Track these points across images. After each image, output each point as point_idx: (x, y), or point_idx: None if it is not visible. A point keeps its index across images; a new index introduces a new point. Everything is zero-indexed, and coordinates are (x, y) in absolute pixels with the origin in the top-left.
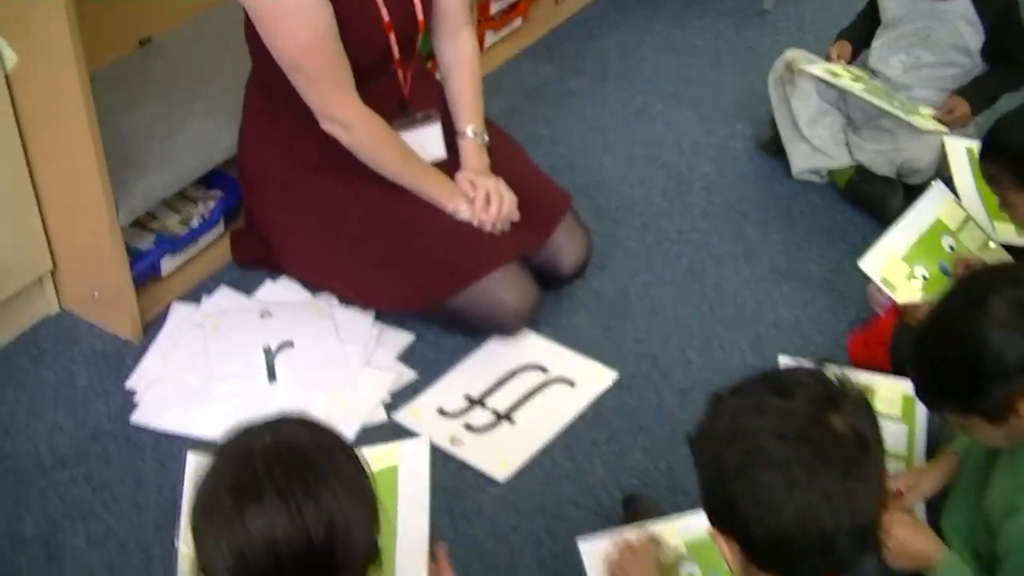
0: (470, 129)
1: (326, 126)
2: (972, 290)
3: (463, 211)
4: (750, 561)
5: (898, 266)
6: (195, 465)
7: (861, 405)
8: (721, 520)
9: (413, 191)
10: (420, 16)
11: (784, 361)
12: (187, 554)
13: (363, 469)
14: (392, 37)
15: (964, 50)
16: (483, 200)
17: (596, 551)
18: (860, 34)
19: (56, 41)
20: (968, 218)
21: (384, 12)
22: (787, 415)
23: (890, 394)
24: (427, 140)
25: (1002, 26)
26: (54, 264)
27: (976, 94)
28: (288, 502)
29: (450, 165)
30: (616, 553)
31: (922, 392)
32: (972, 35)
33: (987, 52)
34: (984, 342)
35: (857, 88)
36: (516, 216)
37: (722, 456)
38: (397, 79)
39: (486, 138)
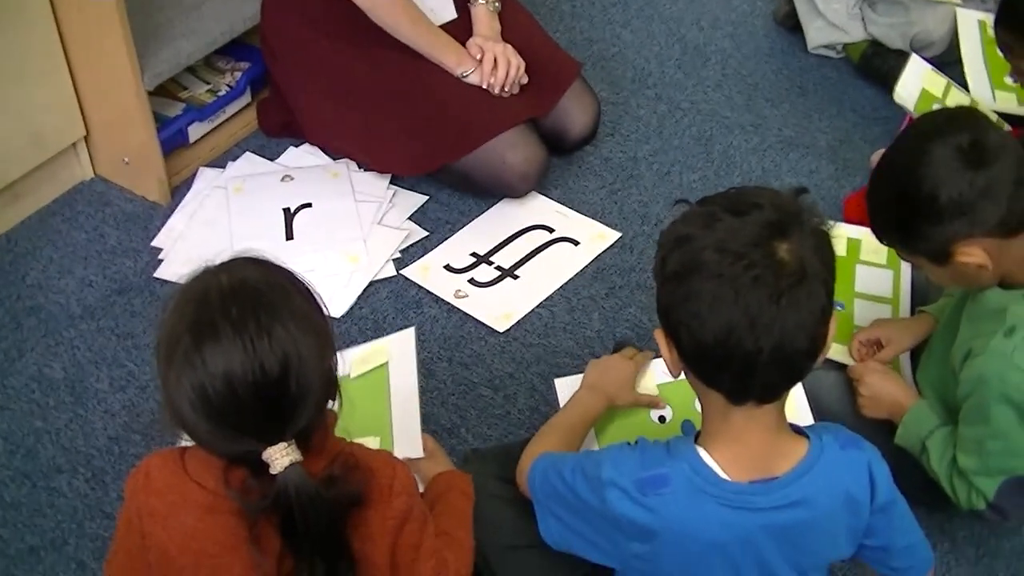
0: None
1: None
2: (919, 133)
3: (471, 74)
4: (685, 367)
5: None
6: None
7: (815, 237)
8: (662, 320)
9: (423, 53)
10: None
11: None
12: None
13: (317, 305)
14: None
15: None
16: (491, 64)
17: (571, 390)
18: None
19: None
20: (948, 85)
21: None
22: (733, 233)
23: (875, 245)
24: (437, 2)
25: None
26: (87, 131)
27: None
28: (243, 337)
29: (460, 26)
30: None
31: (874, 230)
32: None
33: None
34: (918, 183)
35: None
36: (524, 79)
37: (667, 259)
38: None
39: (497, 4)
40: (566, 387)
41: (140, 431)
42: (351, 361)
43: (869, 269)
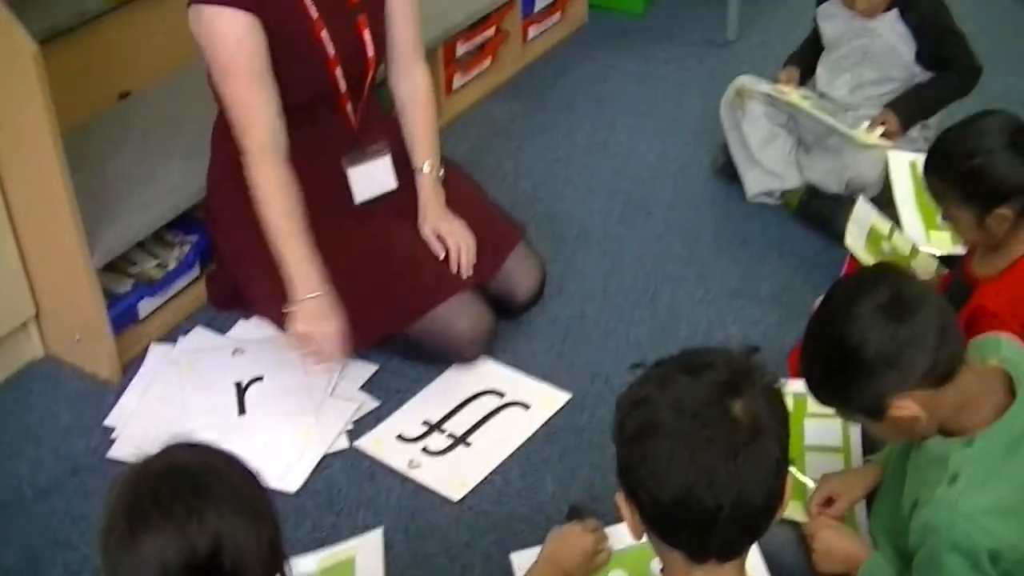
0: (426, 165)
1: (243, 158)
2: (840, 294)
3: (290, 310)
4: (646, 528)
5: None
6: None
7: (767, 393)
8: (622, 483)
9: (279, 262)
10: (371, 53)
11: None
12: None
13: (255, 484)
14: (338, 72)
15: (900, 63)
16: (455, 250)
17: (528, 563)
18: (806, 59)
19: (30, 103)
20: (893, 227)
21: (330, 47)
22: (688, 393)
23: None
24: (377, 172)
25: (931, 33)
26: (37, 309)
27: (908, 106)
28: (172, 521)
29: (400, 195)
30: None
31: (810, 390)
32: (905, 47)
33: (926, 61)
34: (844, 342)
35: (803, 104)
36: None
37: (624, 422)
38: (347, 113)
39: (441, 172)
40: (523, 561)
41: None
42: (320, 558)
43: (817, 422)
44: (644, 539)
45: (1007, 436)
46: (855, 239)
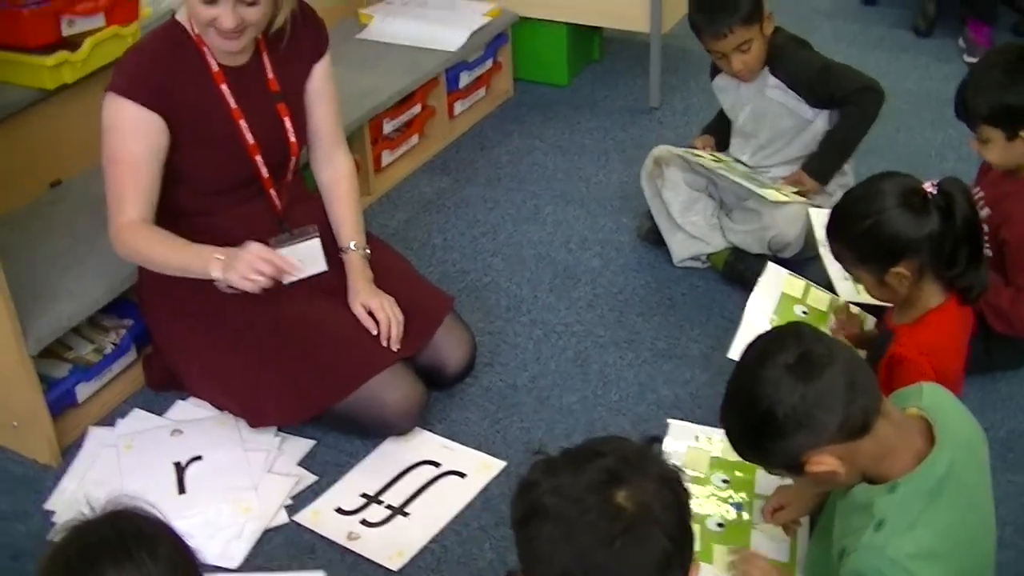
0: (352, 244)
1: (111, 232)
2: (750, 357)
3: (220, 275)
4: None
5: None
6: None
7: (658, 483)
8: (520, 563)
9: (188, 275)
10: (292, 139)
11: (674, 423)
12: None
13: (184, 553)
14: (259, 159)
15: (794, 117)
16: (386, 323)
17: None
18: (719, 128)
19: None
20: (807, 286)
21: (248, 136)
22: (572, 479)
23: None
24: (307, 255)
25: (805, 81)
26: None
27: (819, 163)
28: None
29: (333, 279)
30: None
31: (733, 448)
32: (791, 100)
33: (820, 103)
34: (755, 405)
35: (717, 167)
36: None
37: (514, 505)
38: (271, 197)
39: (367, 251)
40: None
41: None
42: None
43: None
44: None
45: (928, 482)
46: (759, 311)
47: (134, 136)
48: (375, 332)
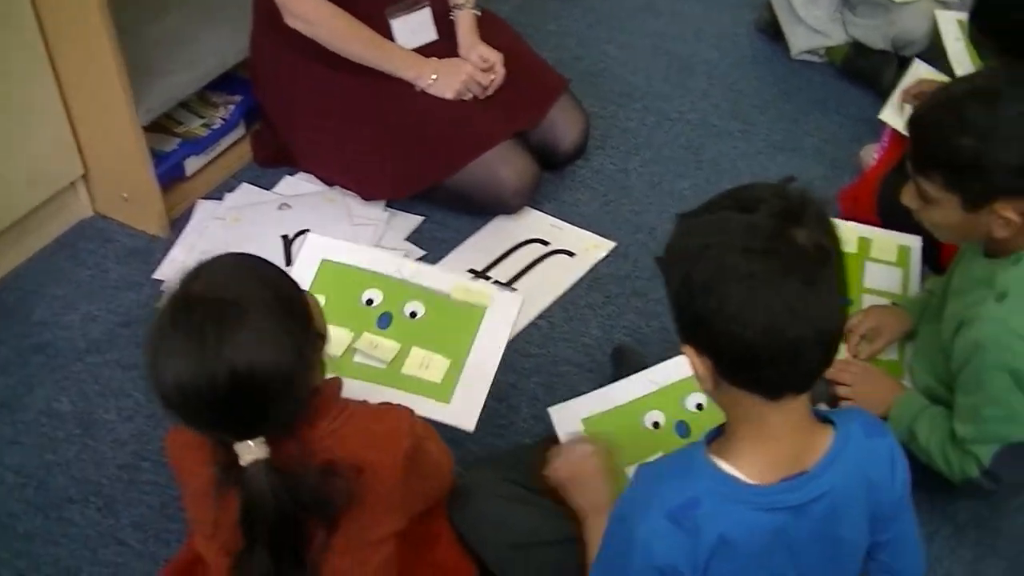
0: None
1: (289, 21)
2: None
3: (430, 84)
4: (721, 376)
5: None
6: None
7: (822, 219)
8: (692, 337)
9: (382, 71)
10: None
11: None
12: None
13: (292, 307)
14: None
15: None
16: (488, 67)
17: (564, 416)
18: None
19: None
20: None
21: None
22: (751, 230)
23: (885, 244)
24: (418, 23)
25: None
26: (85, 169)
27: None
28: (193, 349)
29: (441, 47)
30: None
31: (917, 159)
32: None
33: None
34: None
35: None
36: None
37: (690, 273)
38: None
39: (478, 12)
40: (560, 416)
41: (149, 458)
42: (455, 284)
43: (879, 266)
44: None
45: None
46: (892, 112)
47: None
48: (488, 81)
